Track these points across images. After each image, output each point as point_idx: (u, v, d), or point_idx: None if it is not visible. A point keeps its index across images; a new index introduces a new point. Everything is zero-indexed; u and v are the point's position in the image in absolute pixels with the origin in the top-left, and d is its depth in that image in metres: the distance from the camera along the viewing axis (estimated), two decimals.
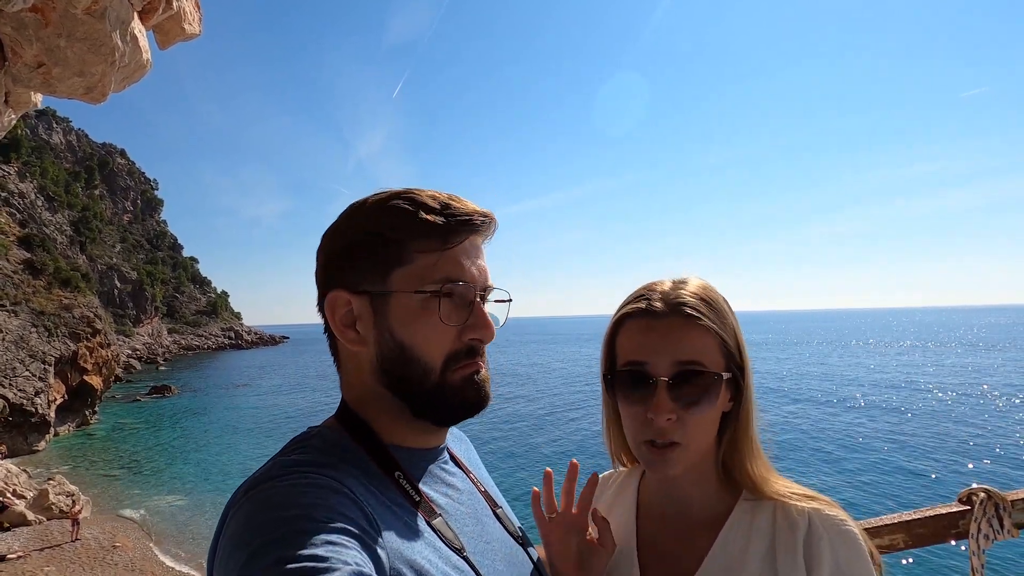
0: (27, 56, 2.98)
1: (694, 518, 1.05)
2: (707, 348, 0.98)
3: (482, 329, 0.88)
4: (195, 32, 3.74)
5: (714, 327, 0.99)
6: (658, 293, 1.03)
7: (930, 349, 79.56)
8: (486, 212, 0.89)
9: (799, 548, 0.94)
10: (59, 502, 19.22)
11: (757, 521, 1.00)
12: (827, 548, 0.93)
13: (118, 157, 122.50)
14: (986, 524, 1.49)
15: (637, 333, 1.02)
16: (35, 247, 45.43)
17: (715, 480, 1.06)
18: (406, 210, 0.85)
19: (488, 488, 1.05)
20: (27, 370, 31.08)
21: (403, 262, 0.84)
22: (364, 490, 0.77)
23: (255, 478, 0.74)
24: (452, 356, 0.85)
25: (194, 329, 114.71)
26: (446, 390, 0.85)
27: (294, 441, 0.85)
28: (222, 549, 0.68)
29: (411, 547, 0.75)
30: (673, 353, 0.97)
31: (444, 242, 0.85)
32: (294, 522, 0.64)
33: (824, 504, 0.99)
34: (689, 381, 0.97)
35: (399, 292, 0.84)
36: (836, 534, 0.94)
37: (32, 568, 15.40)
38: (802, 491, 1.01)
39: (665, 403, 0.96)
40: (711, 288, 1.05)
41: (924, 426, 30.32)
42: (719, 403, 1.00)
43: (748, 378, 1.04)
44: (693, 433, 0.98)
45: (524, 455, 25.87)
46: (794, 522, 0.97)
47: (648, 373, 0.98)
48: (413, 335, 0.84)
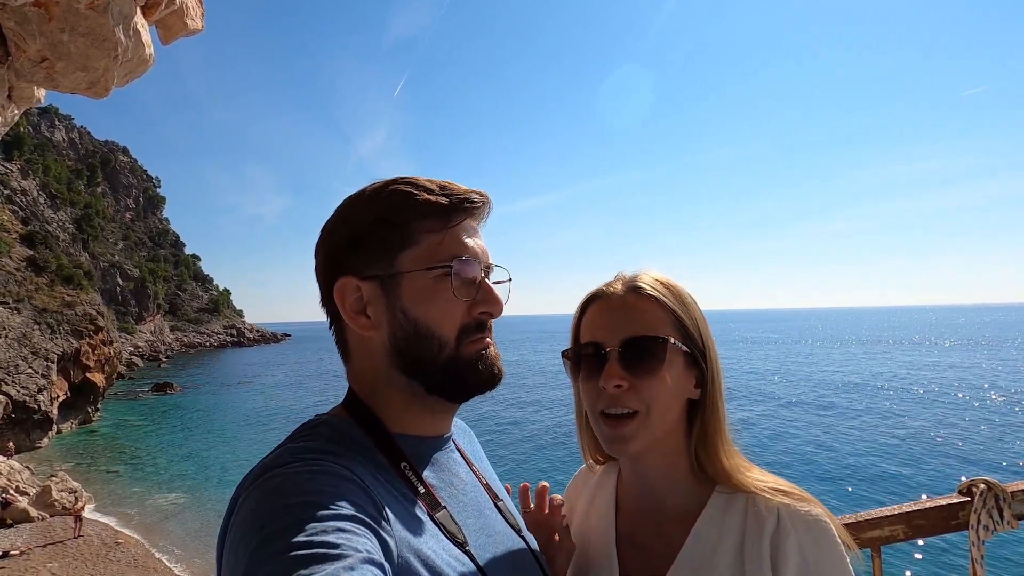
0: (30, 51, 2.98)
1: (668, 512, 1.05)
2: (660, 322, 1.01)
3: (491, 303, 0.90)
4: (197, 27, 3.74)
5: (670, 305, 1.02)
6: (618, 279, 1.09)
7: (932, 346, 79.43)
8: (481, 192, 0.92)
9: (765, 546, 0.92)
10: (62, 499, 19.29)
11: (729, 515, 0.98)
12: (794, 547, 0.90)
13: (120, 155, 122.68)
14: (986, 515, 1.48)
15: (595, 314, 1.07)
16: (38, 244, 45.51)
17: (687, 472, 1.05)
18: (408, 193, 0.87)
19: (490, 481, 1.06)
20: (30, 367, 31.17)
21: (410, 243, 0.86)
22: (371, 478, 0.77)
23: (264, 465, 0.74)
24: (464, 329, 0.88)
25: (196, 327, 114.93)
26: (460, 363, 0.87)
27: (302, 428, 0.86)
28: (231, 536, 0.68)
29: (417, 537, 0.76)
30: (625, 327, 1.01)
31: (447, 221, 0.88)
32: (304, 509, 0.64)
33: (796, 498, 0.96)
34: (639, 347, 0.99)
35: (410, 272, 0.86)
36: (805, 531, 0.91)
37: (35, 564, 15.46)
38: (777, 483, 0.99)
39: (614, 370, 0.99)
40: (673, 280, 1.08)
41: (923, 420, 30.37)
42: (675, 373, 1.00)
43: (712, 364, 1.04)
44: (652, 400, 0.98)
45: (519, 454, 25.91)
46: (762, 518, 0.95)
47: (602, 346, 1.02)
48: (427, 312, 0.86)
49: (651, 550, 1.04)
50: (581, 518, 1.21)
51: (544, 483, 1.22)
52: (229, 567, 0.65)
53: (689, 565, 0.97)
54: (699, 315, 1.06)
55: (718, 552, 0.95)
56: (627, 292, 1.04)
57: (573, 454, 25.54)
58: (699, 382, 1.04)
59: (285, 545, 0.59)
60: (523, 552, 0.96)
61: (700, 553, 0.97)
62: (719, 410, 1.04)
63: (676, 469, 1.05)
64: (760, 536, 0.93)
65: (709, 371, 1.04)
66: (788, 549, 0.90)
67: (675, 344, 1.00)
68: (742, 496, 0.99)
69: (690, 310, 1.04)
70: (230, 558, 0.65)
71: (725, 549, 0.95)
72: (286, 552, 0.59)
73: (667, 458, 1.04)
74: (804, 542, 0.91)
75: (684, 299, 1.05)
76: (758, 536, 0.93)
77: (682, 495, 1.04)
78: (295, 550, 0.59)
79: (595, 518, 1.16)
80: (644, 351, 0.99)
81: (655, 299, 1.02)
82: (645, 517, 1.08)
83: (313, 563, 0.57)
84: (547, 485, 1.21)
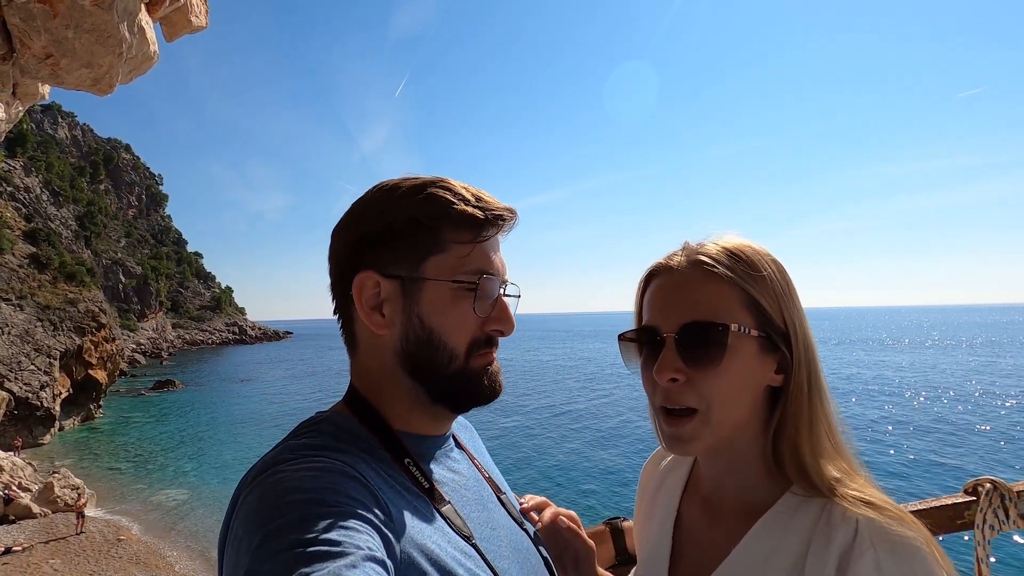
0: (35, 47, 2.99)
1: (733, 507, 0.93)
2: (724, 302, 0.86)
3: (505, 323, 0.90)
4: (202, 24, 3.74)
5: (737, 280, 0.86)
6: (684, 249, 0.94)
7: (934, 346, 79.24)
8: (512, 209, 0.91)
9: (832, 561, 0.77)
10: (64, 495, 19.35)
11: (796, 519, 0.84)
12: (870, 566, 0.73)
13: (123, 152, 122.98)
14: (991, 514, 1.48)
15: (653, 293, 0.94)
16: (40, 241, 45.64)
17: (761, 467, 0.90)
18: (445, 199, 0.86)
19: (492, 474, 1.06)
20: (32, 364, 31.25)
21: (438, 250, 0.85)
22: (375, 475, 0.77)
23: (265, 461, 0.74)
24: (474, 343, 0.87)
25: (198, 324, 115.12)
26: (467, 376, 0.87)
27: (303, 425, 0.86)
28: (233, 533, 0.67)
29: (422, 533, 0.75)
30: (683, 308, 0.87)
31: (478, 234, 0.87)
32: (306, 506, 0.64)
33: (888, 515, 0.78)
34: (696, 334, 0.85)
35: (434, 280, 0.85)
36: (887, 549, 0.74)
37: (37, 560, 15.51)
38: (871, 496, 0.81)
39: (668, 361, 0.86)
40: (750, 244, 0.91)
41: (927, 419, 30.35)
42: (744, 364, 0.86)
43: (799, 348, 0.88)
44: (712, 398, 0.85)
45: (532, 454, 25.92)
46: (835, 527, 0.79)
47: (658, 332, 0.89)
48: (444, 322, 0.85)
49: (707, 545, 0.95)
50: (649, 502, 1.14)
51: (527, 499, 1.13)
52: (231, 564, 0.64)
53: (739, 567, 0.86)
54: (781, 290, 0.88)
55: (774, 558, 0.83)
56: (690, 267, 0.89)
57: (556, 457, 25.55)
58: (781, 367, 0.88)
59: (287, 542, 0.59)
60: (526, 544, 0.96)
61: (754, 556, 0.85)
62: (807, 402, 0.87)
63: (748, 464, 0.91)
64: (828, 547, 0.78)
65: (794, 356, 0.87)
66: (863, 567, 0.73)
67: (741, 330, 0.85)
68: (819, 501, 0.83)
69: (768, 286, 0.87)
70: (232, 556, 0.65)
71: (783, 556, 0.82)
72: (288, 549, 0.58)
73: (738, 453, 0.91)
74: (884, 563, 0.73)
75: (759, 272, 0.87)
76: (826, 546, 0.78)
77: (752, 492, 0.91)
78: (297, 547, 0.58)
79: (659, 505, 1.09)
80: (702, 339, 0.85)
81: (719, 275, 0.87)
82: (709, 510, 0.98)
83: (315, 560, 0.57)
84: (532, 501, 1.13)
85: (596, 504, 19.49)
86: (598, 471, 23.12)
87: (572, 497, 20.01)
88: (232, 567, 0.64)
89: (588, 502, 19.66)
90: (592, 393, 43.93)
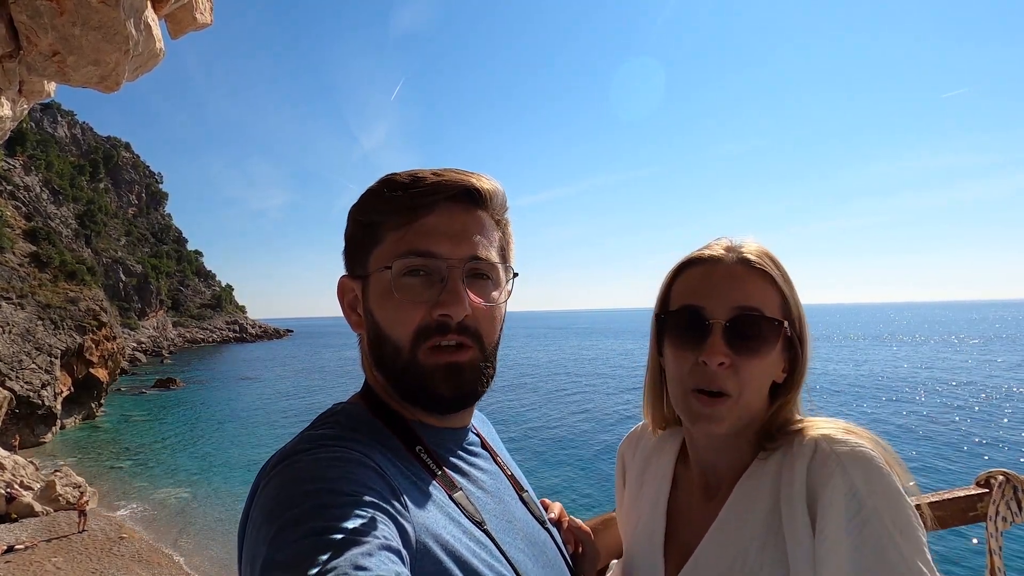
0: (42, 45, 2.99)
1: (725, 482, 0.98)
2: (768, 298, 0.93)
3: (449, 304, 0.82)
4: (207, 22, 3.74)
5: (777, 280, 0.94)
6: (722, 244, 1.00)
7: (943, 342, 79.15)
8: (462, 179, 0.86)
9: (799, 481, 0.83)
10: (66, 493, 19.37)
11: (767, 466, 0.91)
12: (837, 473, 0.80)
13: (123, 150, 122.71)
14: (1004, 506, 1.49)
15: (696, 278, 0.98)
16: (41, 240, 45.65)
17: (749, 448, 0.97)
18: (377, 191, 0.89)
19: (514, 471, 1.06)
20: (33, 363, 31.26)
21: (376, 242, 0.87)
22: (389, 464, 0.78)
23: (283, 452, 0.75)
24: (420, 332, 0.83)
25: (199, 322, 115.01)
26: (418, 371, 0.83)
27: (321, 416, 0.87)
28: (252, 522, 0.68)
29: (436, 521, 0.76)
30: (733, 297, 0.93)
31: (411, 216, 0.84)
32: (323, 495, 0.65)
33: (840, 429, 0.87)
34: (747, 326, 0.91)
35: (373, 272, 0.87)
36: (851, 458, 0.80)
37: (40, 559, 15.53)
38: (824, 422, 0.91)
39: (719, 346, 0.90)
40: (773, 252, 1.00)
41: (940, 412, 30.46)
42: (774, 357, 0.93)
43: (806, 348, 0.97)
44: (746, 385, 0.91)
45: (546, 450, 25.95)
46: (795, 454, 0.86)
47: (704, 316, 0.93)
48: (383, 314, 0.86)
49: (695, 515, 1.00)
50: (636, 481, 1.16)
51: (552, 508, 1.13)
52: (249, 553, 0.65)
53: (723, 531, 0.91)
54: (799, 297, 0.97)
55: (752, 510, 0.88)
56: (736, 261, 0.95)
57: (554, 451, 25.56)
58: (787, 366, 0.97)
59: (304, 531, 0.60)
60: (545, 540, 0.96)
61: (735, 515, 0.91)
62: (798, 394, 0.98)
63: (740, 446, 0.98)
64: (792, 474, 0.85)
65: (803, 357, 0.97)
66: (829, 475, 0.80)
67: (784, 326, 0.93)
68: (784, 445, 0.92)
69: (795, 291, 0.96)
70: (250, 544, 0.66)
71: (760, 501, 0.88)
72: (305, 538, 0.59)
73: (738, 436, 0.97)
74: (851, 468, 0.79)
75: (789, 278, 0.96)
76: (790, 470, 0.85)
77: (742, 469, 0.96)
78: (314, 536, 0.59)
79: (648, 484, 1.12)
80: (755, 329, 0.91)
81: (766, 273, 0.94)
82: (703, 488, 1.02)
83: (332, 549, 0.58)
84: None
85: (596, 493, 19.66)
86: (601, 461, 23.18)
87: (581, 488, 20.10)
88: (250, 556, 0.65)
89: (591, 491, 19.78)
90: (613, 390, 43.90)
